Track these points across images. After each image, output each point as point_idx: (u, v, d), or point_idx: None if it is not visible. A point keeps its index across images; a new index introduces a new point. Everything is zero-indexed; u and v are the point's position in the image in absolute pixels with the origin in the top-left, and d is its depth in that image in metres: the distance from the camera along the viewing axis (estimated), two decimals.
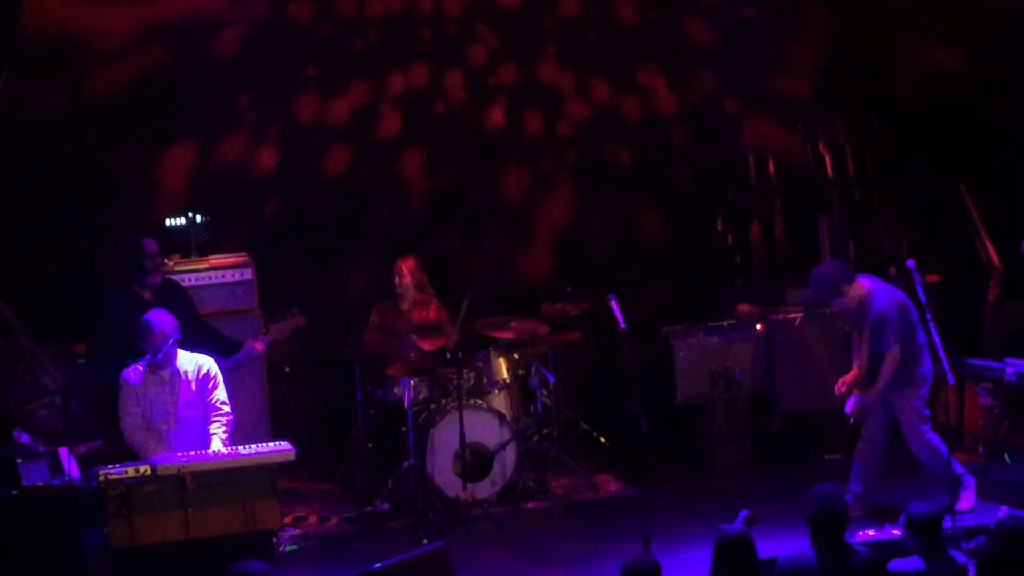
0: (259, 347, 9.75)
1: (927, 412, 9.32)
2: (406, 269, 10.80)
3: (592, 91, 12.39)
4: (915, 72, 12.08)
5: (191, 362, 8.83)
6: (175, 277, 10.01)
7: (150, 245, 9.40)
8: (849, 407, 9.35)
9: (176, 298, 9.51)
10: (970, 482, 9.30)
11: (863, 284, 9.31)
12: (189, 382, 8.79)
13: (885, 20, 12.25)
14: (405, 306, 10.83)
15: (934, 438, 9.27)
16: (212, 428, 8.76)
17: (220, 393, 8.86)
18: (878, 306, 9.20)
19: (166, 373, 8.74)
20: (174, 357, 8.75)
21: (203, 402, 8.80)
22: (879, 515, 9.22)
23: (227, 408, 8.86)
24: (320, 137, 11.87)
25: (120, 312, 9.05)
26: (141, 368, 8.69)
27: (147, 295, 9.33)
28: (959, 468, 9.26)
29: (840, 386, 9.39)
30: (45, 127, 10.97)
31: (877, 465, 9.45)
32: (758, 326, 11.11)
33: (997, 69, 12.04)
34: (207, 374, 8.84)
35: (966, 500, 9.23)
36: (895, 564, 7.11)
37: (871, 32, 12.35)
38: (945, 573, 6.63)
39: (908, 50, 12.16)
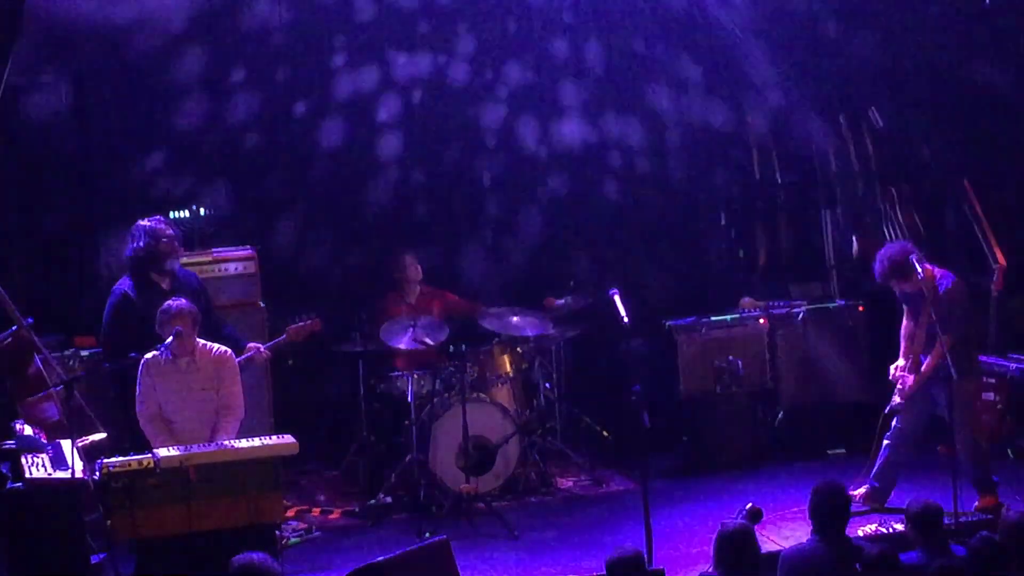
0: (264, 354, 9.49)
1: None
2: (411, 263, 10.81)
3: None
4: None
5: (209, 352, 8.79)
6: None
7: (162, 226, 9.32)
8: (897, 399, 9.27)
9: (193, 287, 9.44)
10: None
11: (929, 268, 9.20)
12: (205, 372, 8.75)
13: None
14: (412, 299, 10.85)
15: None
16: (220, 420, 8.74)
17: (234, 386, 8.83)
18: (950, 284, 9.10)
19: (183, 361, 8.68)
20: (192, 346, 8.72)
21: (216, 393, 8.77)
22: (884, 510, 9.24)
23: (239, 401, 8.83)
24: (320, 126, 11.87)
25: (136, 303, 9.02)
26: (160, 356, 8.67)
27: (164, 284, 9.22)
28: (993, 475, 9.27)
29: (898, 373, 9.28)
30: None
31: (901, 462, 9.37)
32: (761, 321, 11.11)
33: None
34: (223, 365, 8.78)
35: (988, 502, 9.18)
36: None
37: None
38: (947, 567, 6.62)
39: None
